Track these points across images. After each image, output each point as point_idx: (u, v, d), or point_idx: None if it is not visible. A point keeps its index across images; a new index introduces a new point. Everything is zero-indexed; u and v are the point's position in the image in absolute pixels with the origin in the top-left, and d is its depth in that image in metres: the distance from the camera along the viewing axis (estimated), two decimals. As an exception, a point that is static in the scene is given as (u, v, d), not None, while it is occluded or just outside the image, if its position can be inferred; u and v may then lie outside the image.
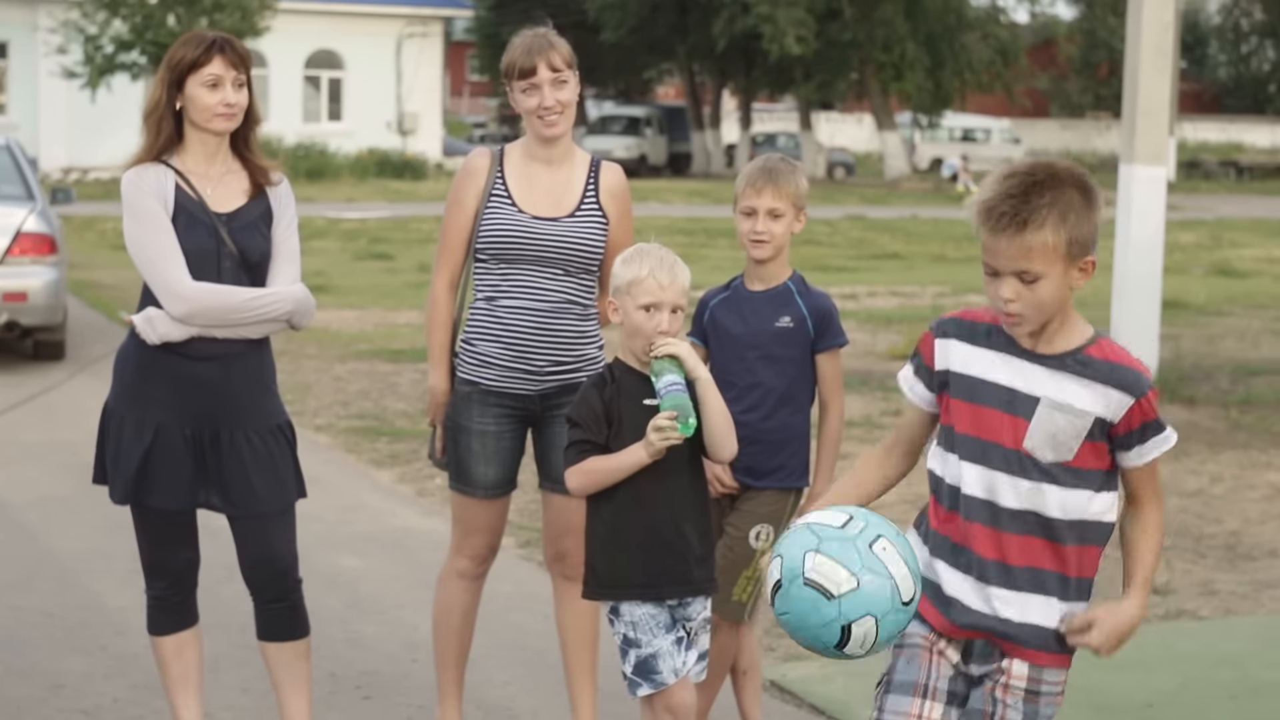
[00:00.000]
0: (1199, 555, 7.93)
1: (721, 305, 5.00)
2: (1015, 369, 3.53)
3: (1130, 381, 3.49)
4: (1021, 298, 3.43)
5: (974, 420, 3.56)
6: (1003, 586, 3.54)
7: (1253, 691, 5.97)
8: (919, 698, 3.56)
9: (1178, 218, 27.93)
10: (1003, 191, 3.41)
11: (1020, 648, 3.55)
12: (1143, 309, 12.68)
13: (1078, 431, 3.49)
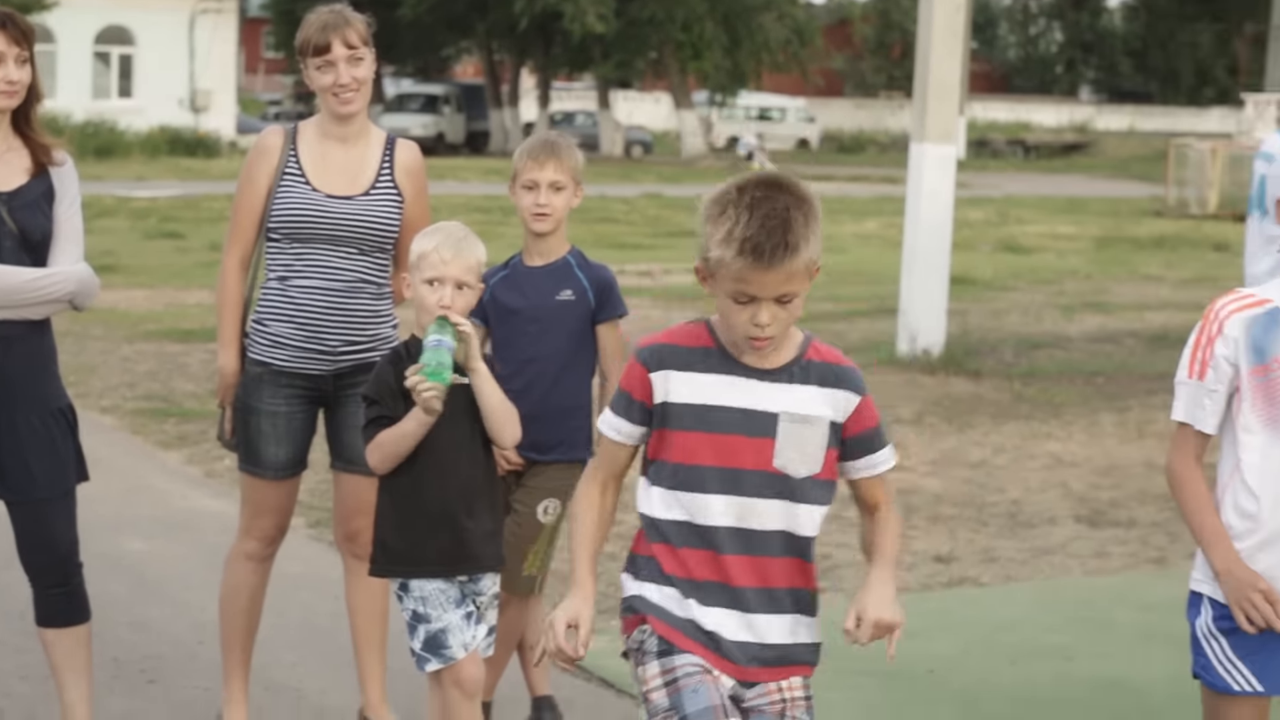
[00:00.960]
0: (981, 524, 8.13)
1: (501, 283, 5.01)
2: (743, 389, 3.43)
3: (853, 379, 3.49)
4: (777, 320, 3.35)
5: (713, 449, 3.42)
6: (769, 612, 3.48)
7: (1031, 655, 6.14)
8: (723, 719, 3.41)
9: (966, 195, 28.50)
10: (763, 224, 3.29)
11: (779, 669, 3.51)
12: (931, 285, 12.95)
13: (821, 439, 3.45)
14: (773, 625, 3.49)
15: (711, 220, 3.35)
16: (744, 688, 3.49)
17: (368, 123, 5.09)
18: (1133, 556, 7.61)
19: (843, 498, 3.67)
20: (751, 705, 3.50)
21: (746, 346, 3.40)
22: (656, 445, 3.49)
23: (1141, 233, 26.02)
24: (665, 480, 3.47)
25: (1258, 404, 3.63)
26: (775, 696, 3.50)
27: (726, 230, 3.31)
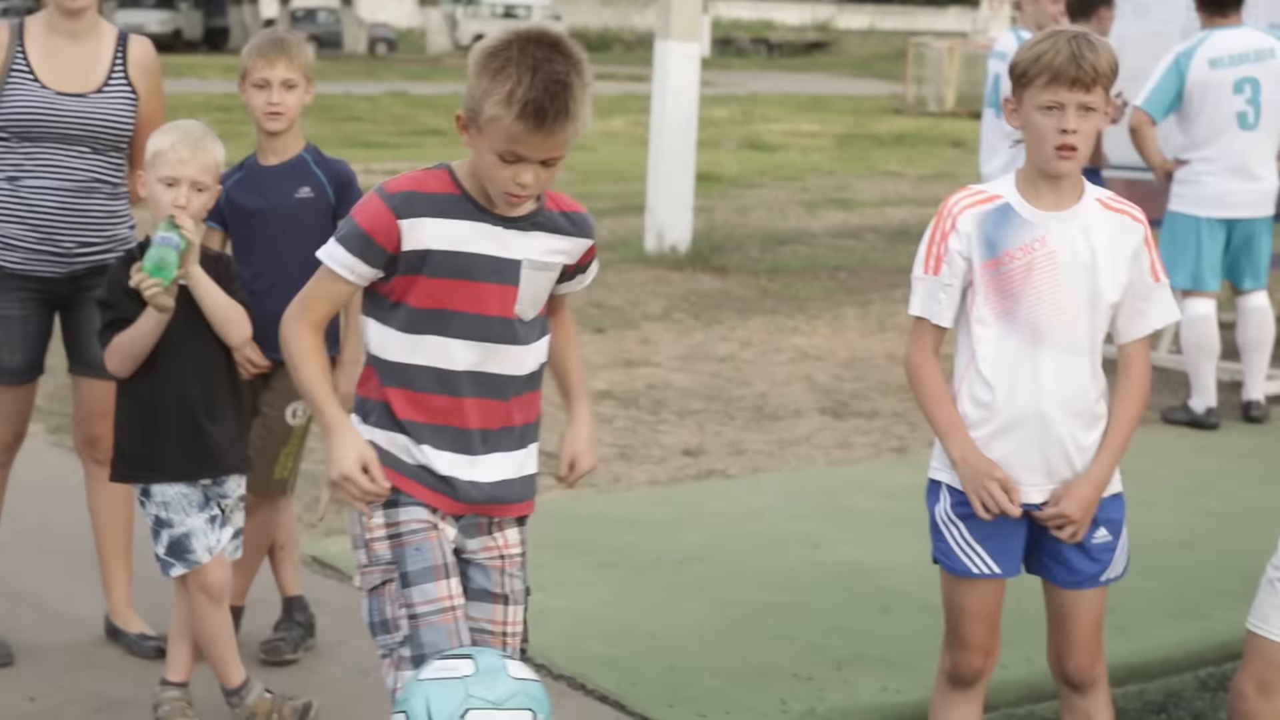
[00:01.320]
0: (728, 417, 8.25)
1: (238, 185, 4.91)
2: (492, 236, 3.44)
3: (589, 226, 3.60)
4: (540, 180, 3.37)
5: (462, 295, 3.43)
6: (503, 450, 3.54)
7: (778, 543, 6.27)
8: (443, 579, 3.47)
9: (712, 93, 28.69)
10: (546, 88, 3.25)
11: (513, 505, 3.60)
12: (677, 182, 13.02)
13: (550, 283, 3.54)
14: (505, 463, 3.56)
15: (488, 75, 3.29)
16: (467, 538, 3.55)
17: (98, 18, 4.94)
18: (875, 446, 7.80)
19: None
20: (471, 558, 3.57)
21: (502, 201, 3.40)
22: (402, 289, 3.45)
23: (882, 130, 26.49)
24: (409, 325, 3.46)
25: (990, 297, 3.72)
26: (495, 552, 3.59)
27: (507, 91, 3.26)
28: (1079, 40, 3.62)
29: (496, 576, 3.60)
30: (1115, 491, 3.82)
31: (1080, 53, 3.59)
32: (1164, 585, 5.80)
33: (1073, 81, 3.60)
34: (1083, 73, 3.58)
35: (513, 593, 3.62)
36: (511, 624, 3.63)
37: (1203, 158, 8.28)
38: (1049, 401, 3.70)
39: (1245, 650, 3.73)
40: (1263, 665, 3.67)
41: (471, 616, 3.55)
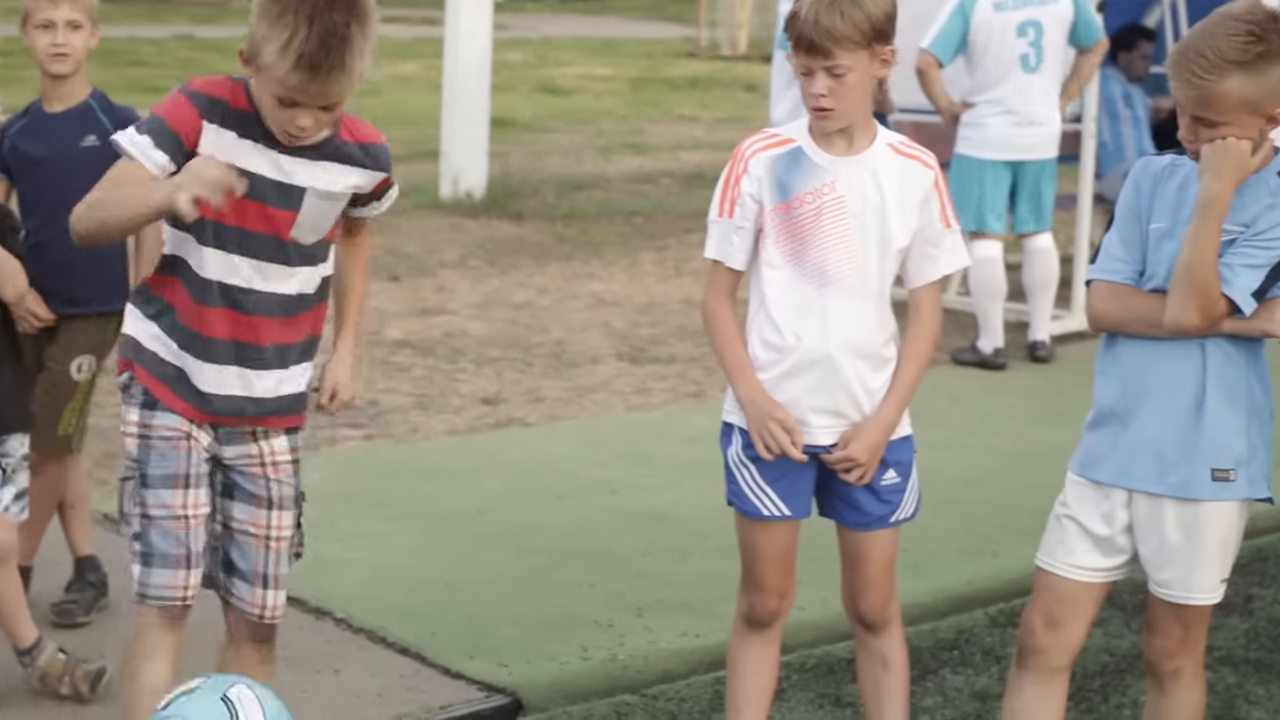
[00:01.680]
0: (527, 365, 8.24)
1: (21, 132, 4.77)
2: (277, 162, 3.51)
3: (385, 158, 3.68)
4: (319, 122, 3.45)
5: (245, 213, 3.50)
6: (277, 368, 3.64)
7: (578, 490, 6.28)
8: (181, 489, 3.57)
9: (505, 37, 28.48)
10: (323, 41, 3.31)
11: (280, 418, 3.69)
12: (471, 127, 12.92)
13: (337, 210, 3.64)
14: (266, 379, 3.63)
15: (269, 20, 3.35)
16: (226, 445, 3.65)
17: None
18: (672, 392, 7.84)
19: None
20: (233, 464, 3.67)
21: (282, 137, 3.48)
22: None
23: (676, 73, 26.53)
24: (190, 229, 3.51)
25: (780, 240, 3.74)
26: (257, 459, 3.67)
27: (285, 40, 3.32)
28: (823, 4, 3.59)
29: (261, 482, 3.69)
30: (904, 434, 3.87)
31: (818, 20, 3.58)
32: (955, 523, 5.92)
33: (810, 48, 3.61)
34: (820, 40, 3.59)
35: (280, 498, 3.71)
36: (276, 528, 3.71)
37: (987, 100, 8.43)
38: (836, 344, 3.73)
39: (1034, 585, 3.82)
40: (1050, 599, 3.77)
41: (237, 519, 3.68)
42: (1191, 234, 3.48)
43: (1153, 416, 3.61)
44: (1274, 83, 3.44)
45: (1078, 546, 3.72)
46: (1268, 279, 3.51)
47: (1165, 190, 3.63)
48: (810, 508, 3.90)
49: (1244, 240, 3.52)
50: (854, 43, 3.60)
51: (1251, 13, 3.46)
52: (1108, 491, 3.68)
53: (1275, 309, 3.55)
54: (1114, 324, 3.68)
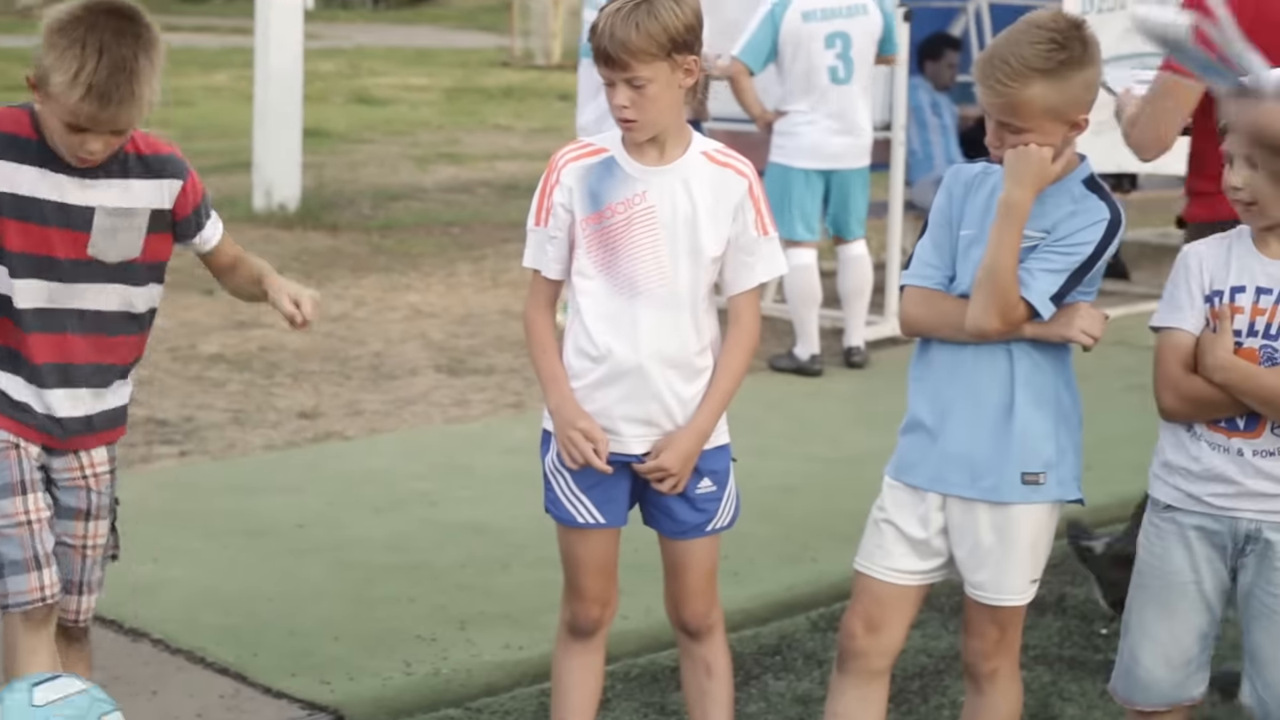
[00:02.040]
0: (344, 378, 8.16)
1: None
2: (61, 184, 3.58)
3: (173, 167, 3.71)
4: (109, 146, 3.52)
5: (28, 237, 3.58)
6: (97, 386, 3.72)
7: (398, 503, 6.24)
8: (19, 495, 3.64)
9: (317, 46, 28.24)
10: (111, 74, 3.39)
11: (100, 434, 3.78)
12: (285, 138, 12.79)
13: (139, 228, 3.66)
14: (99, 397, 3.74)
15: (57, 52, 3.42)
16: (51, 457, 3.72)
17: None
18: (492, 403, 7.82)
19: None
20: (56, 477, 3.75)
21: (72, 159, 3.53)
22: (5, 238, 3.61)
23: (490, 83, 26.48)
24: (8, 266, 3.60)
25: (592, 250, 3.75)
26: (77, 471, 3.76)
27: (74, 71, 3.39)
28: (619, 16, 3.60)
29: (81, 494, 3.77)
30: (721, 443, 3.87)
31: (613, 32, 3.59)
32: (774, 530, 5.98)
33: (608, 61, 3.62)
34: (616, 53, 3.59)
35: (97, 508, 3.81)
36: (92, 537, 3.81)
37: (798, 110, 8.52)
38: (647, 354, 3.73)
39: (852, 589, 3.87)
40: (869, 603, 3.81)
41: (55, 532, 3.73)
42: (992, 238, 3.55)
43: (964, 421, 3.67)
44: (1076, 90, 3.51)
45: (895, 550, 3.77)
46: (1066, 284, 3.59)
47: (976, 198, 3.70)
48: (626, 516, 3.91)
49: (1044, 246, 3.59)
50: (651, 54, 3.60)
51: (1054, 21, 3.54)
52: (923, 495, 3.74)
53: (1074, 315, 3.63)
54: (924, 329, 3.74)
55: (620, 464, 3.79)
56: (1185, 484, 3.62)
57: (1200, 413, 3.59)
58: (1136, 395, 6.75)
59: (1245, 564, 3.61)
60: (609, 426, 3.76)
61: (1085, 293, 3.65)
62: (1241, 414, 3.55)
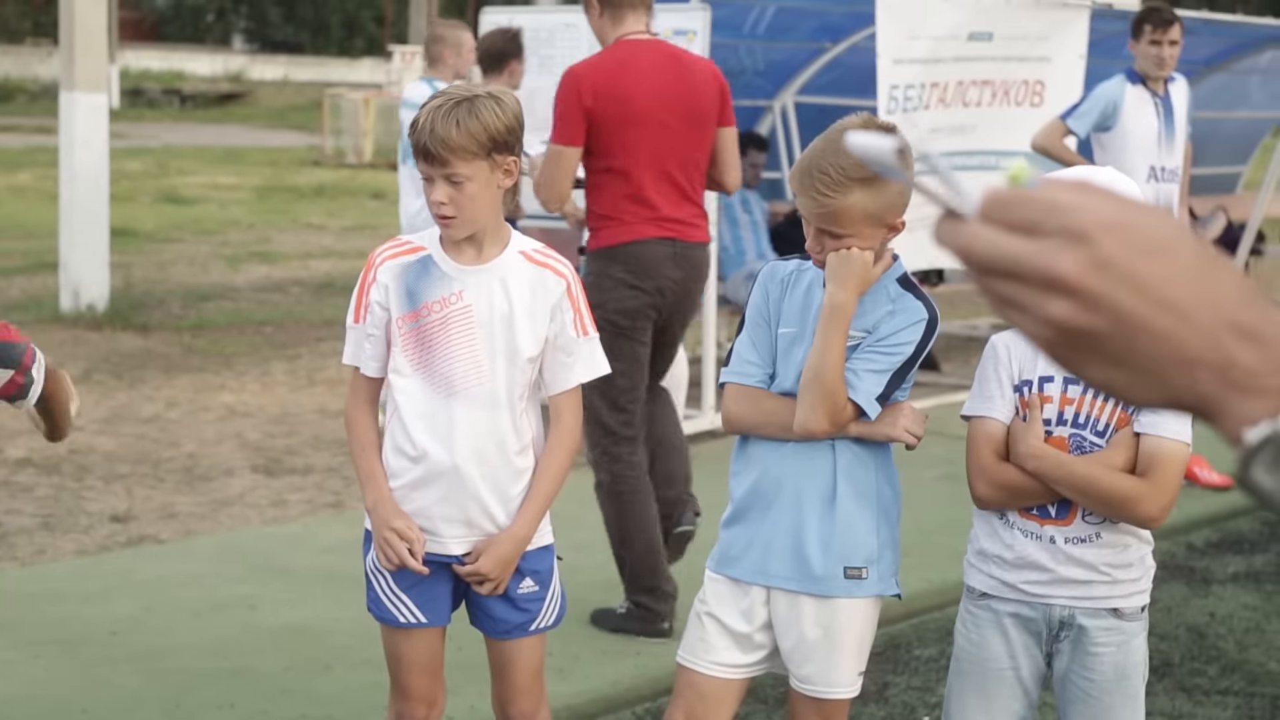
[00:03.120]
0: (158, 480, 8.03)
1: None
2: None
3: (6, 356, 3.57)
4: None
5: None
6: None
7: (215, 607, 6.14)
8: None
9: (124, 145, 27.91)
10: None
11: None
12: (91, 237, 12.62)
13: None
14: None
15: None
16: None
17: None
18: (310, 503, 7.74)
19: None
20: None
21: None
22: None
23: (302, 182, 26.35)
24: None
25: (408, 349, 3.75)
26: None
27: None
28: (440, 113, 3.63)
29: None
30: (544, 543, 3.88)
31: (434, 129, 3.62)
32: (588, 626, 5.97)
33: (428, 156, 3.65)
34: (435, 149, 3.62)
35: None
36: None
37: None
38: (463, 454, 3.73)
39: (675, 683, 3.89)
40: (691, 697, 3.83)
41: None
42: (818, 342, 3.61)
43: (786, 514, 3.72)
44: (893, 196, 3.59)
45: (717, 643, 3.80)
46: (890, 383, 3.66)
47: (793, 295, 3.76)
48: (449, 614, 3.90)
49: (867, 346, 3.67)
50: (470, 152, 3.63)
51: (867, 127, 3.60)
52: (746, 589, 3.77)
53: (898, 415, 3.70)
54: (747, 426, 3.79)
55: (441, 564, 3.78)
56: (1000, 571, 3.70)
57: (1013, 500, 3.67)
58: (949, 484, 6.88)
59: (1060, 649, 3.69)
60: (428, 527, 3.75)
61: (903, 390, 3.73)
62: (1053, 501, 3.64)
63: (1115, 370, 1.20)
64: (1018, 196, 1.20)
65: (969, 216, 1.22)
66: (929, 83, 9.00)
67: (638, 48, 5.90)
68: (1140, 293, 1.17)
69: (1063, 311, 1.17)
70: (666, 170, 5.89)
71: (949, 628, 6.06)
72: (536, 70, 9.28)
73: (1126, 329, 1.17)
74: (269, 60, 68.49)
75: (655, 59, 5.92)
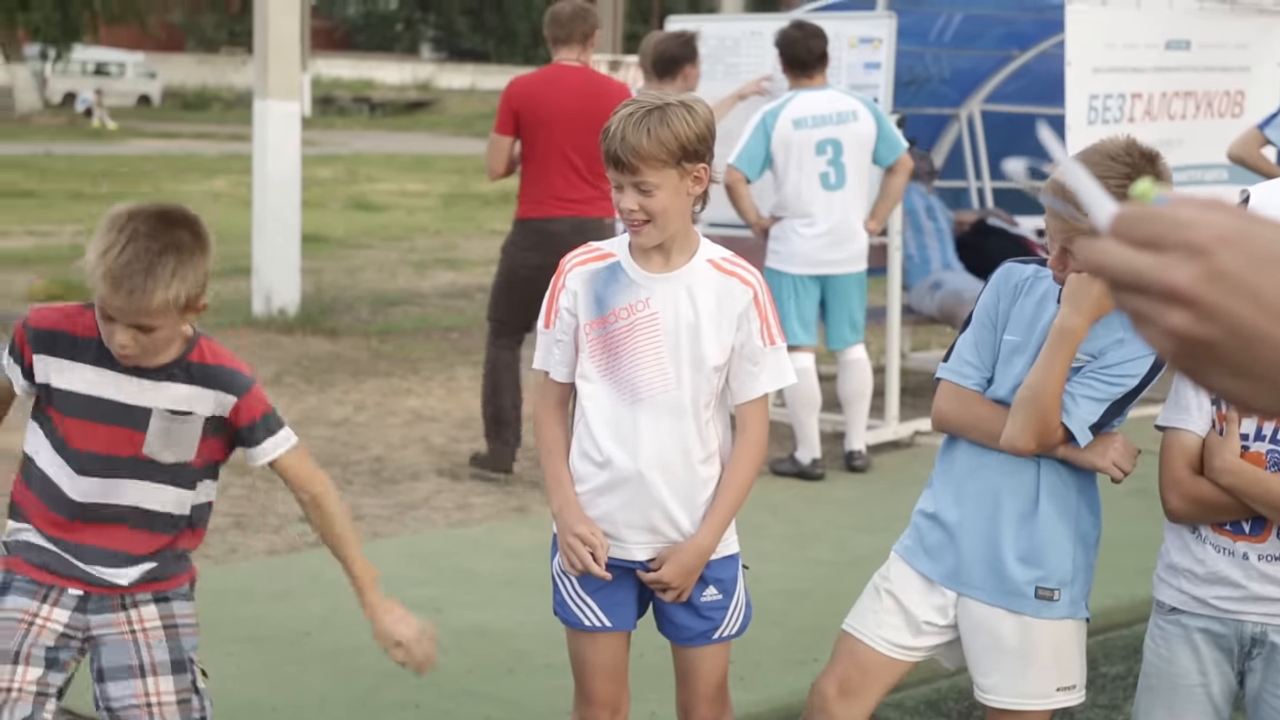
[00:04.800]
0: (346, 482, 8.16)
1: None
2: (119, 383, 3.54)
3: (231, 381, 3.62)
4: (137, 342, 3.45)
5: (90, 435, 3.56)
6: (116, 566, 3.63)
7: (402, 609, 6.21)
8: (12, 665, 3.57)
9: (315, 153, 28.44)
10: (130, 261, 3.36)
11: (141, 587, 3.67)
12: (283, 244, 12.87)
13: (194, 433, 3.60)
14: (125, 574, 3.65)
15: (100, 233, 3.42)
16: (93, 614, 3.64)
17: None
18: (495, 506, 7.82)
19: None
20: (100, 635, 3.66)
21: (115, 353, 3.48)
22: (45, 408, 3.59)
23: (486, 189, 26.61)
24: (51, 442, 3.58)
25: (595, 355, 3.76)
26: (124, 626, 3.66)
27: (101, 251, 3.37)
28: (631, 121, 3.62)
29: (130, 649, 3.65)
30: (728, 553, 3.87)
31: (624, 137, 3.61)
32: (778, 634, 5.96)
33: (618, 164, 3.64)
34: (625, 157, 3.61)
35: (155, 663, 3.67)
36: (155, 694, 3.68)
37: (793, 216, 8.55)
38: (647, 462, 3.73)
39: (834, 650, 3.85)
40: (849, 666, 3.80)
41: (114, 696, 3.64)
42: (1042, 362, 3.54)
43: (984, 522, 3.69)
44: None
45: (890, 620, 3.77)
46: (1107, 413, 3.61)
47: (1024, 303, 3.69)
48: (634, 620, 3.91)
49: (1089, 371, 3.60)
50: (660, 160, 3.61)
51: (1129, 153, 3.47)
52: (940, 589, 3.75)
53: (1109, 446, 3.64)
54: (956, 428, 3.75)
55: (626, 569, 3.80)
56: (1190, 587, 3.63)
57: (1206, 515, 3.60)
58: (1138, 499, 6.75)
59: (1253, 667, 3.61)
60: (612, 532, 3.77)
61: (1118, 420, 3.67)
62: (1247, 518, 3.56)
63: (1238, 380, 1.24)
64: (1144, 213, 1.25)
65: (1102, 232, 1.28)
66: (1130, 93, 8.84)
67: (562, 70, 8.17)
68: (1257, 303, 1.20)
69: (1181, 322, 1.22)
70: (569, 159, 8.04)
71: (1137, 645, 5.96)
72: (721, 77, 9.30)
73: (1244, 339, 1.21)
74: (456, 68, 69.37)
75: (574, 80, 8.09)
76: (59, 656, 3.64)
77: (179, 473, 3.64)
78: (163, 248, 3.40)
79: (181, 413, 3.59)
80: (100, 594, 3.65)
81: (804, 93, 8.51)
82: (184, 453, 3.63)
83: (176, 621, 3.73)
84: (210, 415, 3.62)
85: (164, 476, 3.62)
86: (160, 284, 3.38)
